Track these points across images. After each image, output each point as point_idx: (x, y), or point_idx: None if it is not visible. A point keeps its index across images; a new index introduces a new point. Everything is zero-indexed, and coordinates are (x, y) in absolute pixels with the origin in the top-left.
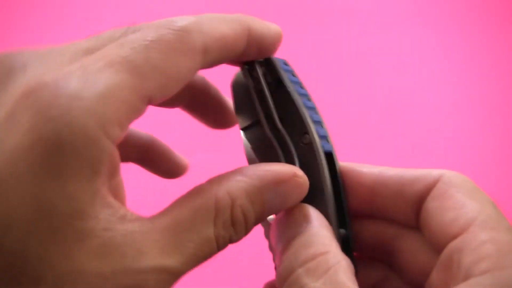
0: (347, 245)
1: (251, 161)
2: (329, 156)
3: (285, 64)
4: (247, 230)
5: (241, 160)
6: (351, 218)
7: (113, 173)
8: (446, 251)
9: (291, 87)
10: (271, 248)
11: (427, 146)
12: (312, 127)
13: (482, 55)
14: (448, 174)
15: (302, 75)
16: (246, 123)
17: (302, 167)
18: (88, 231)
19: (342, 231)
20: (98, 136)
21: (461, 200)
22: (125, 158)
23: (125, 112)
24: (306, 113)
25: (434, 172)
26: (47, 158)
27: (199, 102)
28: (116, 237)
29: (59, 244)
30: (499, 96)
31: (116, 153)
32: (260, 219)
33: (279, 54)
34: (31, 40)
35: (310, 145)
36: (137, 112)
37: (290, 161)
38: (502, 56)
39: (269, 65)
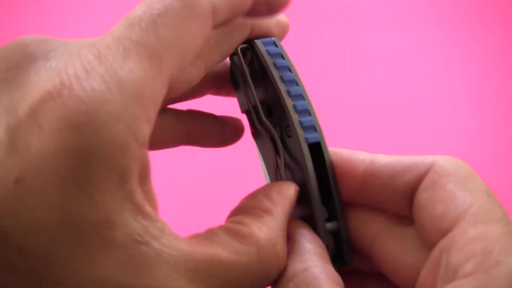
0: (338, 238)
1: (256, 144)
2: (317, 146)
3: (275, 44)
4: None
5: (241, 160)
6: (345, 210)
7: (144, 177)
8: (436, 249)
9: (274, 75)
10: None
11: (426, 144)
12: (295, 119)
13: (482, 53)
14: (441, 162)
15: (302, 75)
16: (243, 108)
17: (289, 160)
18: (116, 241)
19: (331, 224)
20: (126, 141)
21: (452, 191)
22: (174, 142)
23: (151, 105)
24: (288, 103)
25: (427, 160)
26: (73, 166)
27: (226, 87)
28: (148, 254)
29: (84, 251)
30: (498, 95)
31: (145, 155)
32: None
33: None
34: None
35: (293, 138)
36: (161, 98)
37: (278, 154)
38: (502, 55)
39: (254, 51)
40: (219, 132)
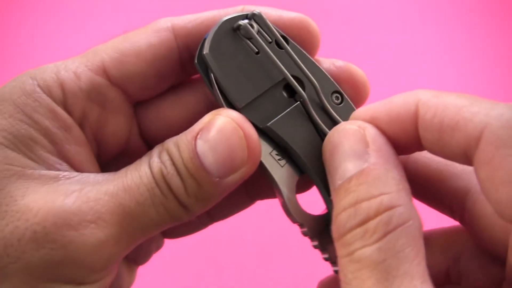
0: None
1: None
2: None
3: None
4: None
5: None
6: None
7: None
8: None
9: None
10: (315, 247)
11: None
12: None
13: (484, 53)
14: (494, 126)
15: None
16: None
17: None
18: None
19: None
20: None
21: None
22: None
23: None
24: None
25: (477, 118)
26: None
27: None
28: None
29: None
30: (501, 95)
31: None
32: None
33: None
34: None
35: (347, 104)
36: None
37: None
38: (503, 55)
39: (260, 23)
40: None
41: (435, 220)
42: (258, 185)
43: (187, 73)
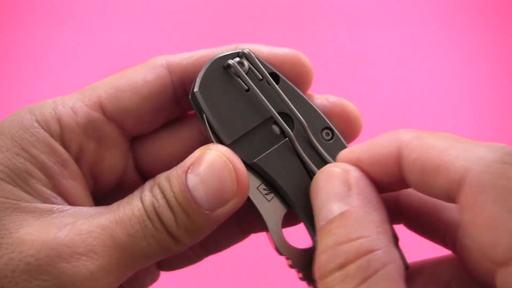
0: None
1: None
2: None
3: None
4: None
5: None
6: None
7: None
8: (498, 283)
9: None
10: (302, 279)
11: None
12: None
13: (482, 53)
14: (475, 171)
15: None
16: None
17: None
18: None
19: None
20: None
21: (495, 214)
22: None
23: None
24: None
25: (458, 163)
26: None
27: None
28: None
29: None
30: (499, 94)
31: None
32: None
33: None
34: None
35: (338, 140)
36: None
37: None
38: (502, 54)
39: (251, 61)
40: None
41: (429, 249)
42: (251, 219)
43: (182, 108)
